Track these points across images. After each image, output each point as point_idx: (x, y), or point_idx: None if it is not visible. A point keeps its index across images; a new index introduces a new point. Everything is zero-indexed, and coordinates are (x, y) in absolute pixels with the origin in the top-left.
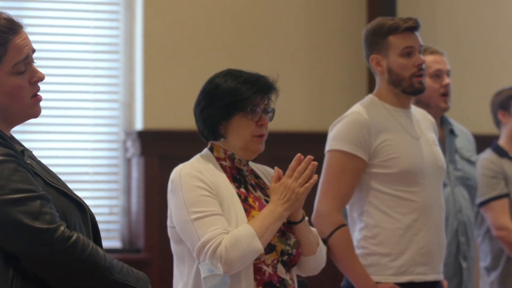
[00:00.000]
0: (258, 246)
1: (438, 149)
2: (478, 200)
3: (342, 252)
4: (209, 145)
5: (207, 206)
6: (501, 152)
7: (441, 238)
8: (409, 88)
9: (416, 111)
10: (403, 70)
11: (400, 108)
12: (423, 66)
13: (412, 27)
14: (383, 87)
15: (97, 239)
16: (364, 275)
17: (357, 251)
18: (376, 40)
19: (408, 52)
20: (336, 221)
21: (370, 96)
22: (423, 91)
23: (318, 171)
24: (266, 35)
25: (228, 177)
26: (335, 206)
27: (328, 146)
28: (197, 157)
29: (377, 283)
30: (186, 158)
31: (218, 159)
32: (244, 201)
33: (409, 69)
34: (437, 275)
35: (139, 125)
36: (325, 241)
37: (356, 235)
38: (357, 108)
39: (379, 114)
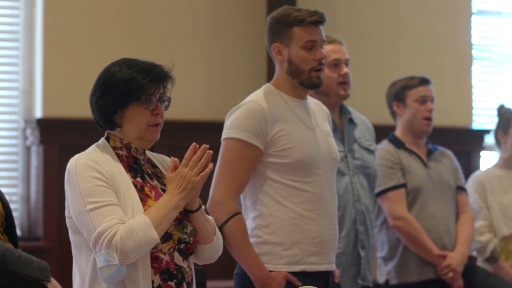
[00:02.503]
0: (154, 236)
1: (332, 140)
2: (376, 189)
3: (236, 240)
4: (105, 135)
5: (102, 197)
6: (397, 143)
7: (334, 228)
8: (307, 82)
9: (312, 102)
10: (303, 63)
11: (297, 98)
12: (323, 61)
13: (317, 21)
14: (282, 76)
15: (10, 228)
16: (258, 263)
17: (251, 240)
18: (280, 30)
19: (310, 46)
20: (231, 209)
21: (267, 85)
22: (320, 85)
23: (214, 159)
24: (166, 24)
25: (125, 166)
26: (230, 194)
27: (225, 134)
28: (93, 147)
29: (270, 271)
30: (85, 146)
31: (114, 148)
32: (140, 190)
33: (310, 62)
34: (330, 265)
35: (38, 113)
36: (219, 229)
37: (249, 224)
38: (255, 97)
39: (276, 104)
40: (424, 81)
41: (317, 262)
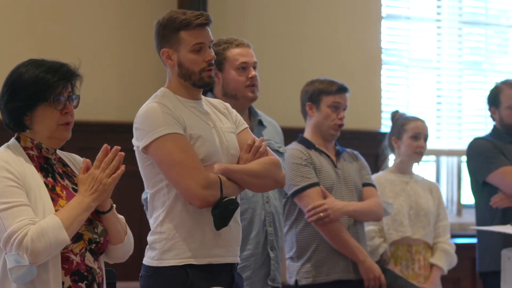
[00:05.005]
0: (65, 237)
1: (232, 137)
2: (291, 189)
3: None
4: (15, 135)
5: (13, 197)
6: (307, 144)
7: (237, 221)
8: (199, 82)
9: (210, 101)
10: (193, 65)
11: (192, 99)
12: (213, 61)
13: (203, 23)
14: (174, 80)
15: None
16: None
17: (155, 236)
18: (167, 34)
19: (198, 48)
20: (214, 186)
21: (162, 88)
22: (212, 84)
23: (125, 161)
24: (77, 25)
25: (36, 166)
26: (200, 180)
27: (148, 139)
28: (4, 148)
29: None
30: None
31: (25, 148)
32: (52, 190)
33: (199, 64)
34: (235, 258)
35: None
36: (219, 202)
37: (152, 221)
38: (154, 99)
39: (174, 105)
40: (341, 90)
41: (222, 254)
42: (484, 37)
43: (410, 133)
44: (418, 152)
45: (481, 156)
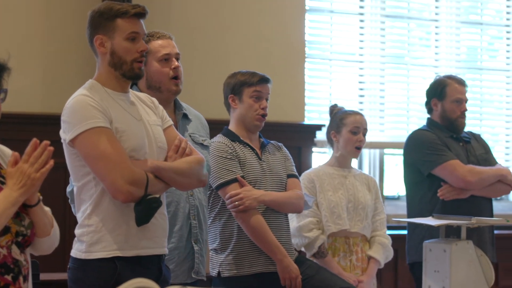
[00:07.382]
0: None
1: (159, 130)
2: (216, 182)
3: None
4: None
5: None
6: (232, 136)
7: (164, 213)
8: (128, 73)
9: (138, 95)
10: (126, 54)
11: (120, 92)
12: (145, 53)
13: (140, 13)
14: (104, 69)
15: None
16: None
17: (83, 229)
18: (102, 22)
19: (133, 37)
20: (141, 181)
21: (91, 80)
22: (141, 76)
23: (54, 155)
24: (1, 15)
25: None
26: (127, 174)
27: (74, 133)
28: None
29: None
30: None
31: None
32: None
33: (132, 54)
34: (162, 249)
35: None
36: (145, 196)
37: (80, 216)
38: (81, 92)
39: (102, 98)
40: (263, 80)
41: (149, 246)
42: (407, 31)
43: (349, 127)
44: (357, 147)
45: (428, 147)
